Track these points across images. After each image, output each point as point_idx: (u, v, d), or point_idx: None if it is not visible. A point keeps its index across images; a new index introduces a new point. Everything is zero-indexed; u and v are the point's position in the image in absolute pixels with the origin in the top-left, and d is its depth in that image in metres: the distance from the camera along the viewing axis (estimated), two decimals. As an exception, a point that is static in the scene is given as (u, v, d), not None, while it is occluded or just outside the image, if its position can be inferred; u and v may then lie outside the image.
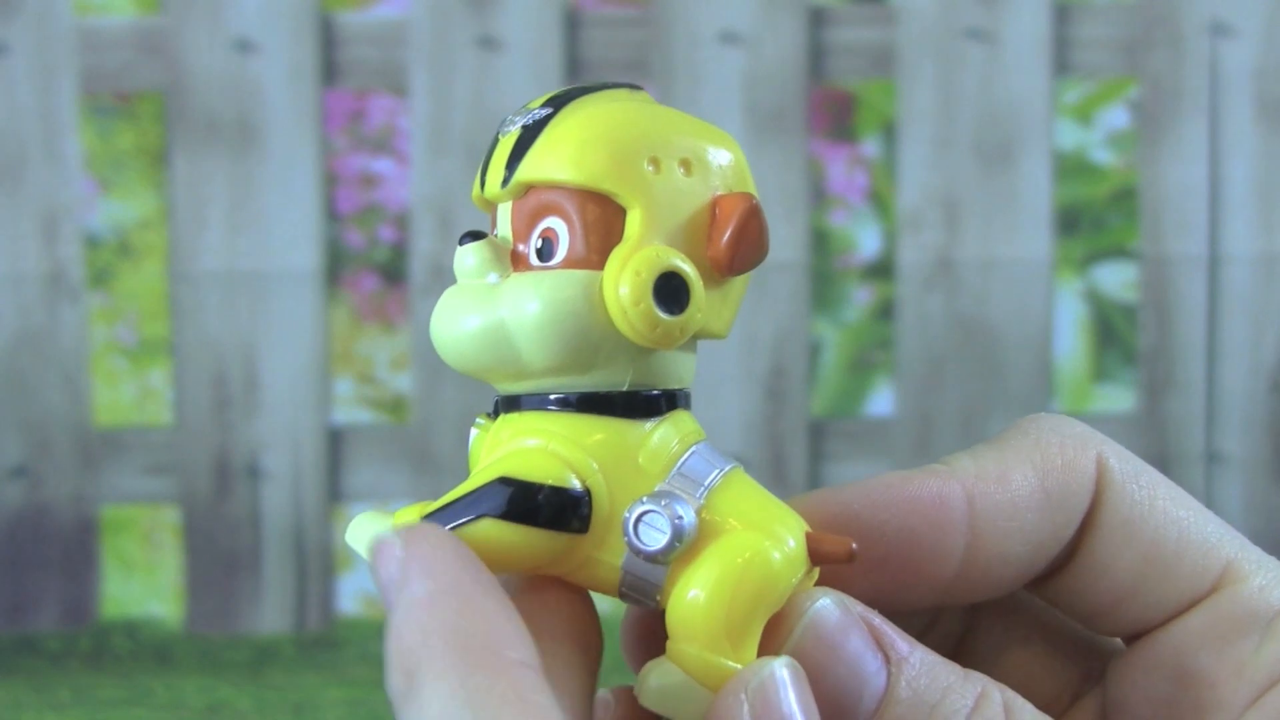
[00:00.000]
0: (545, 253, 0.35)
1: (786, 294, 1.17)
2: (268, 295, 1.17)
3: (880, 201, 1.18)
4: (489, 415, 0.37)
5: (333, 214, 1.17)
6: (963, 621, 0.41)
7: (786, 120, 1.17)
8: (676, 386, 0.36)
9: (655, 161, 0.35)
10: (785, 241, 1.17)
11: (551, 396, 0.35)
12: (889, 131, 1.17)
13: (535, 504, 0.34)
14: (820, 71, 1.17)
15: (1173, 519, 0.39)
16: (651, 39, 1.16)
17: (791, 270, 1.17)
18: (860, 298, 1.18)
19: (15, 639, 1.16)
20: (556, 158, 0.35)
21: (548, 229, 0.35)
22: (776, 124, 1.17)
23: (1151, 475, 0.39)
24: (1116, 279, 1.19)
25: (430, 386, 1.17)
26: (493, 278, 0.35)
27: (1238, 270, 1.18)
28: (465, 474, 0.37)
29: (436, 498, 0.37)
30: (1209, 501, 1.18)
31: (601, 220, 0.35)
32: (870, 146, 1.18)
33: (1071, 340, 1.19)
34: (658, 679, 0.35)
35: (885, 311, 1.18)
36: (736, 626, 0.34)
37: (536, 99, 0.37)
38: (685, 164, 0.36)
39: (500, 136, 0.36)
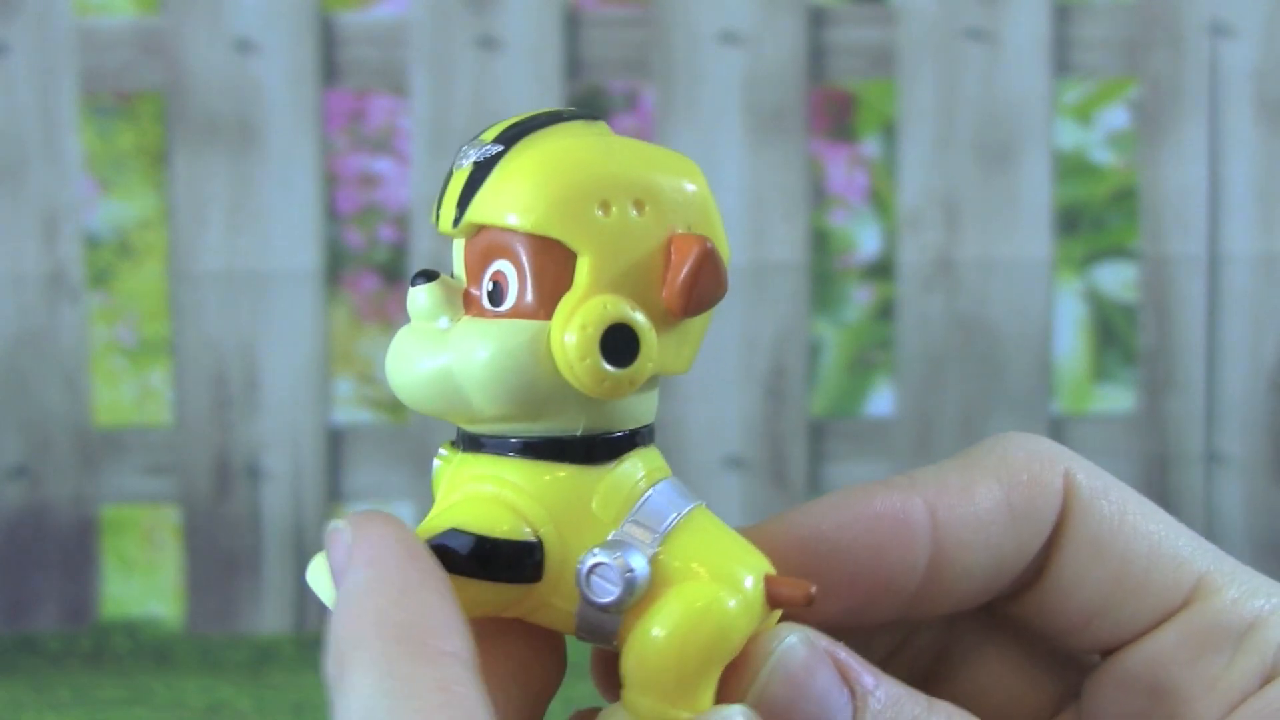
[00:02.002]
0: (495, 297, 0.35)
1: (786, 294, 1.17)
2: (268, 295, 1.17)
3: (880, 201, 1.18)
4: (452, 445, 0.36)
5: (333, 214, 1.17)
6: (938, 638, 0.40)
7: (786, 120, 1.17)
8: (635, 426, 0.36)
9: (605, 205, 0.35)
10: (785, 241, 1.17)
11: (511, 440, 0.35)
12: (889, 131, 1.17)
13: (486, 555, 0.34)
14: (820, 71, 1.17)
15: (1143, 534, 0.39)
16: (651, 39, 1.16)
17: (791, 270, 1.17)
18: (860, 298, 1.18)
19: (15, 639, 1.16)
20: (504, 200, 0.35)
21: (498, 272, 0.35)
22: (776, 124, 1.17)
23: (1121, 491, 0.39)
24: (1116, 279, 1.19)
25: (430, 386, 1.17)
26: (443, 321, 0.35)
27: (1238, 270, 1.18)
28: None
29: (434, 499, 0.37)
30: (1209, 501, 1.18)
31: (550, 266, 0.35)
32: (870, 146, 1.18)
33: (1071, 340, 1.19)
34: None
35: (885, 311, 1.18)
36: (689, 676, 0.34)
37: (491, 129, 0.36)
38: (638, 204, 0.35)
39: (454, 170, 0.36)
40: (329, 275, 1.17)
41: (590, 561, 0.34)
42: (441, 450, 0.36)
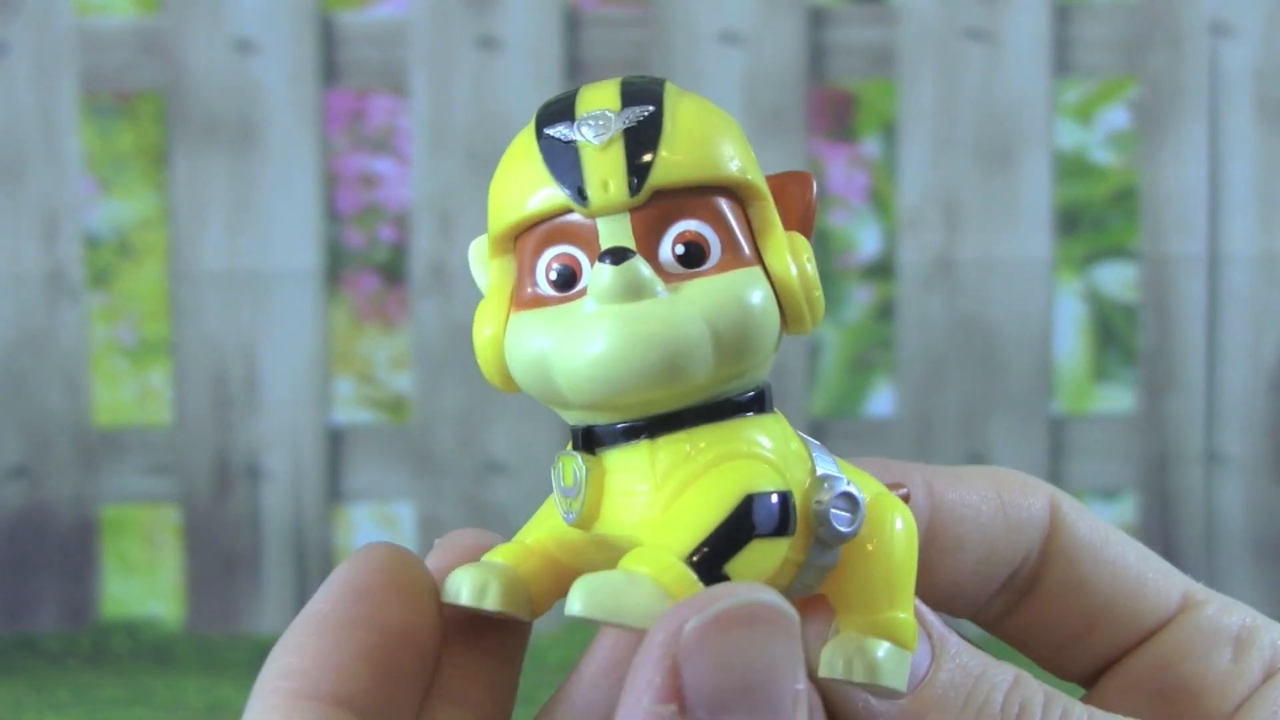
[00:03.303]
0: (692, 258, 0.33)
1: (786, 294, 1.17)
2: (268, 295, 1.17)
3: (880, 201, 1.18)
4: (577, 450, 0.34)
5: (333, 214, 1.17)
6: None
7: (786, 120, 1.17)
8: None
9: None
10: (785, 241, 1.17)
11: (711, 405, 0.34)
12: (889, 131, 1.17)
13: (786, 513, 0.33)
14: (820, 71, 1.17)
15: (1130, 546, 0.40)
16: (651, 39, 1.16)
17: (791, 270, 1.17)
18: (860, 298, 1.18)
19: (15, 639, 1.16)
20: (699, 156, 0.34)
21: (689, 232, 0.34)
22: (776, 124, 1.17)
23: (1098, 518, 0.40)
24: (1116, 279, 1.19)
25: (430, 386, 1.17)
26: (661, 292, 0.33)
27: (1238, 270, 1.18)
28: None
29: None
30: (1209, 501, 1.18)
31: (740, 214, 0.34)
32: (870, 146, 1.18)
33: (1071, 340, 1.19)
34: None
35: (885, 311, 1.18)
36: (906, 578, 0.34)
37: (590, 98, 0.34)
38: None
39: (581, 144, 0.34)
40: (329, 275, 1.17)
41: (838, 489, 0.34)
42: (573, 456, 0.34)
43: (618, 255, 0.33)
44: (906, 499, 0.36)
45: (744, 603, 0.31)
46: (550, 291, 0.34)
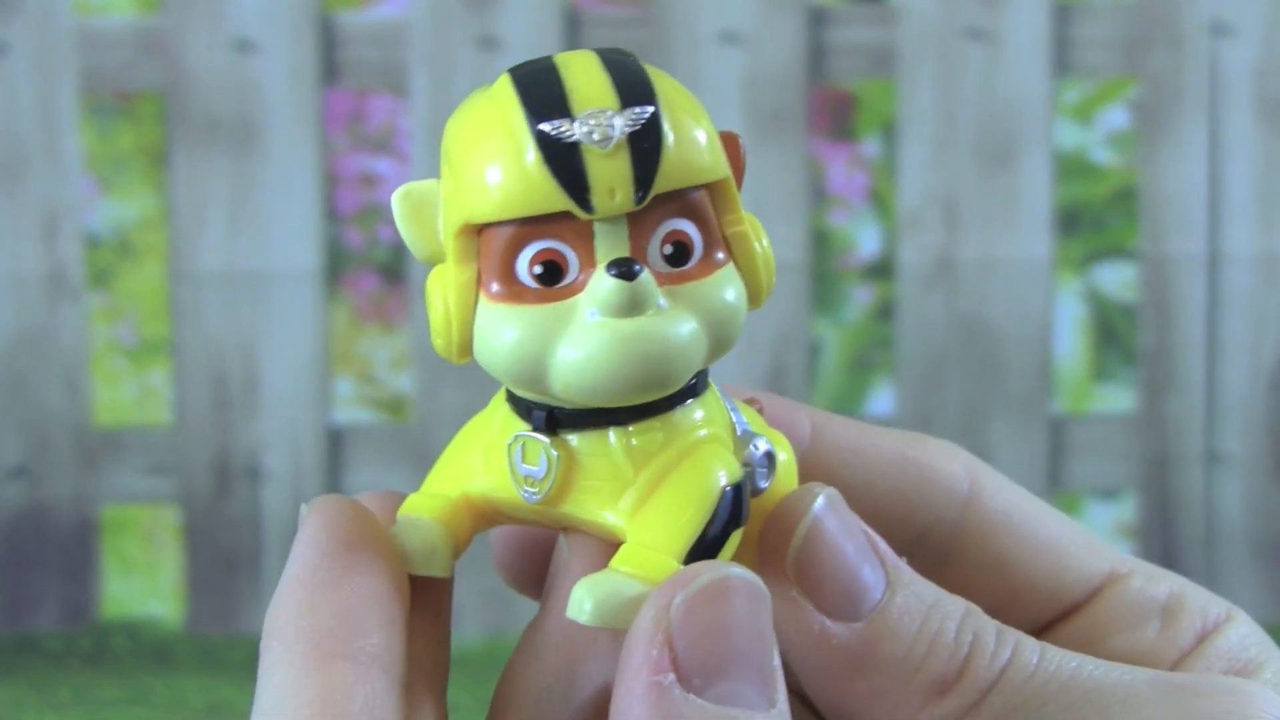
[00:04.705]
0: (679, 257, 0.34)
1: (786, 294, 1.17)
2: (268, 295, 1.17)
3: (880, 201, 1.18)
4: (539, 430, 0.35)
5: (333, 214, 1.17)
6: None
7: (786, 120, 1.17)
8: None
9: None
10: (785, 241, 1.17)
11: (688, 387, 0.35)
12: (889, 131, 1.17)
13: (744, 501, 0.35)
14: (820, 71, 1.17)
15: (1053, 518, 0.40)
16: (651, 39, 1.16)
17: (791, 270, 1.17)
18: (860, 298, 1.18)
19: (15, 639, 1.16)
20: (691, 159, 0.34)
21: (675, 231, 0.34)
22: (776, 124, 1.17)
23: (1021, 489, 0.40)
24: (1116, 279, 1.19)
25: (430, 386, 1.17)
26: (661, 302, 0.34)
27: (1238, 270, 1.18)
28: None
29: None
30: (1209, 501, 1.18)
31: (711, 199, 0.35)
32: (870, 146, 1.18)
33: (1071, 340, 1.19)
34: None
35: (885, 311, 1.18)
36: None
37: (587, 94, 0.34)
38: None
39: (586, 148, 0.33)
40: (329, 275, 1.17)
41: (760, 450, 0.35)
42: (538, 439, 0.35)
43: (625, 268, 0.33)
44: (761, 411, 0.37)
45: (721, 576, 0.32)
46: (532, 284, 0.34)
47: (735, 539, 0.34)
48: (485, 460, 0.36)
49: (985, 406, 1.18)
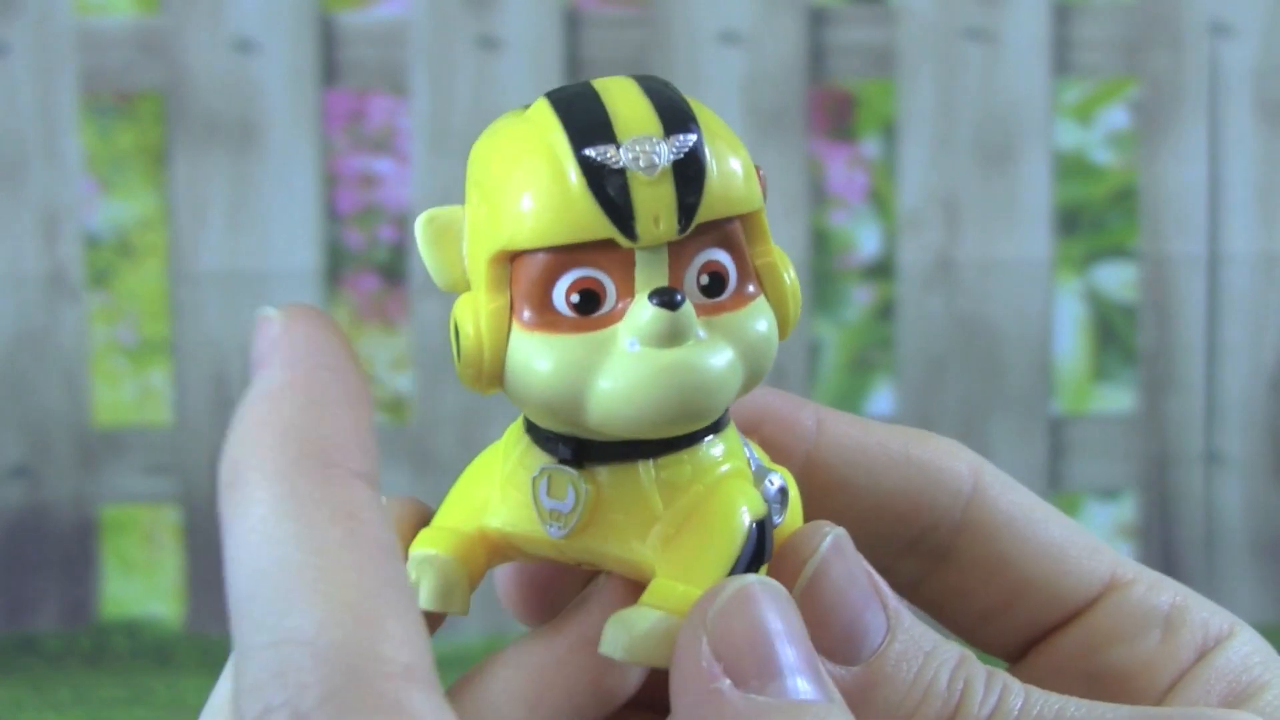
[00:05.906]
0: (714, 288, 0.34)
1: (786, 294, 1.17)
2: (268, 295, 1.17)
3: (880, 201, 1.18)
4: (560, 462, 0.34)
5: (333, 214, 1.17)
6: None
7: (786, 120, 1.17)
8: None
9: None
10: (785, 241, 1.17)
11: (716, 420, 0.35)
12: (889, 131, 1.17)
13: (767, 536, 0.34)
14: (820, 71, 1.17)
15: (1055, 521, 0.39)
16: (651, 39, 1.16)
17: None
18: (860, 298, 1.18)
19: (15, 639, 1.16)
20: (732, 189, 0.34)
21: (711, 262, 0.34)
22: (776, 124, 1.17)
23: (1026, 490, 0.40)
24: (1116, 279, 1.19)
25: (430, 387, 1.17)
26: (700, 333, 0.33)
27: (1238, 270, 1.18)
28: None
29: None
30: (1209, 501, 1.18)
31: (743, 229, 0.34)
32: (870, 146, 1.18)
33: (1071, 340, 1.19)
34: None
35: (885, 311, 1.18)
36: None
37: (633, 120, 0.33)
38: None
39: (631, 174, 0.33)
40: (329, 275, 1.17)
41: (774, 486, 0.35)
42: (566, 472, 0.34)
43: (668, 298, 0.33)
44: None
45: (743, 584, 0.33)
46: (568, 313, 0.33)
47: (761, 574, 0.34)
48: (502, 494, 0.35)
49: (985, 406, 1.18)
